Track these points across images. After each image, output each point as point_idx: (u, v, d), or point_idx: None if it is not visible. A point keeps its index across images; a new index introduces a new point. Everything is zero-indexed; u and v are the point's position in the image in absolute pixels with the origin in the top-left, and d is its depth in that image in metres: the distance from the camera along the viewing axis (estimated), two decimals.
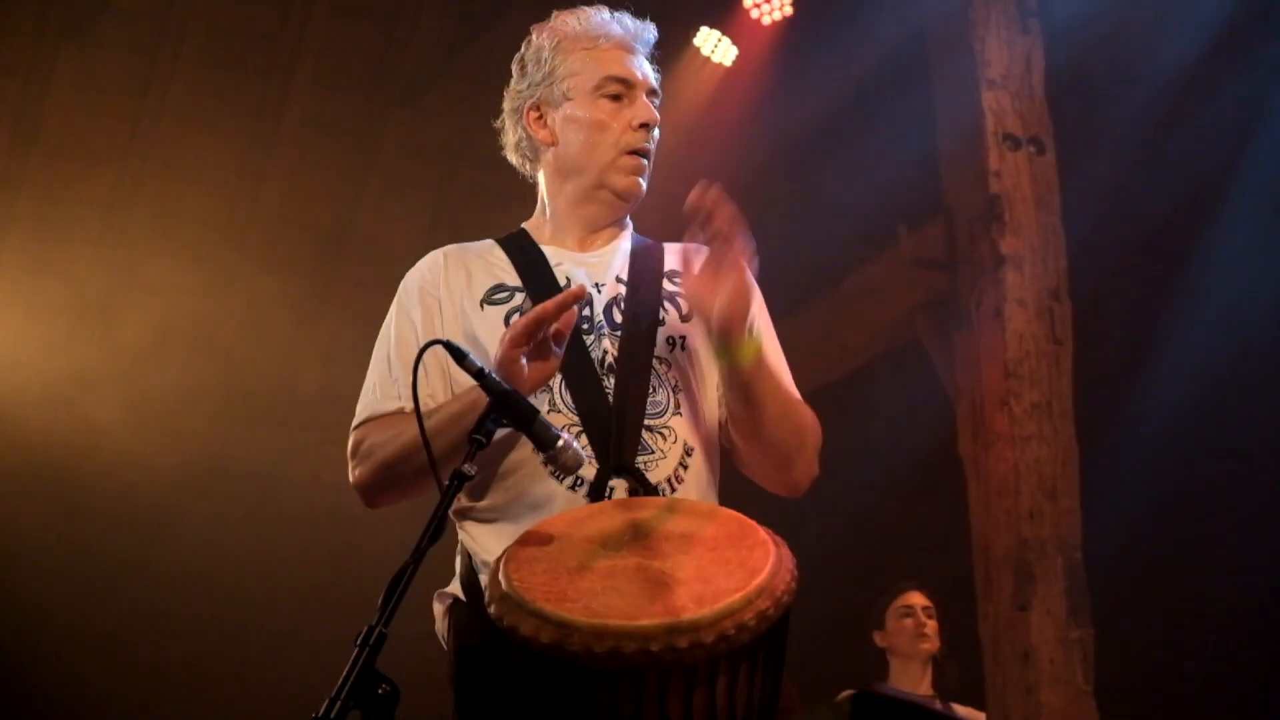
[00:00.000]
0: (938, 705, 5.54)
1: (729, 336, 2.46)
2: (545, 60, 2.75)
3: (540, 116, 2.75)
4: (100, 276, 9.19)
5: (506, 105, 2.82)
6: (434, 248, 2.78)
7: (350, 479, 2.64)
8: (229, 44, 8.82)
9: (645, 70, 2.76)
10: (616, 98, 2.71)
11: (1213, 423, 7.13)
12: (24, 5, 8.38)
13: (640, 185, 2.73)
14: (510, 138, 2.82)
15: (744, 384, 2.53)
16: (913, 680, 5.72)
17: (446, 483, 2.19)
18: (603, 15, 2.77)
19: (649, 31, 2.79)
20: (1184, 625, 7.15)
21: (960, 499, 6.75)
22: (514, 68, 2.81)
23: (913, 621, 5.76)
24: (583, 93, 2.71)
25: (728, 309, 2.43)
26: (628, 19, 2.78)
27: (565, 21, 2.77)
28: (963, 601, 6.75)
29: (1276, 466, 6.96)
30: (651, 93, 2.75)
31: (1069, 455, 6.47)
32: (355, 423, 2.65)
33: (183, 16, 8.66)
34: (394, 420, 2.59)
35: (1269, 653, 6.53)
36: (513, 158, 2.84)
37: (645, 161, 2.72)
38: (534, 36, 2.79)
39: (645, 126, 2.70)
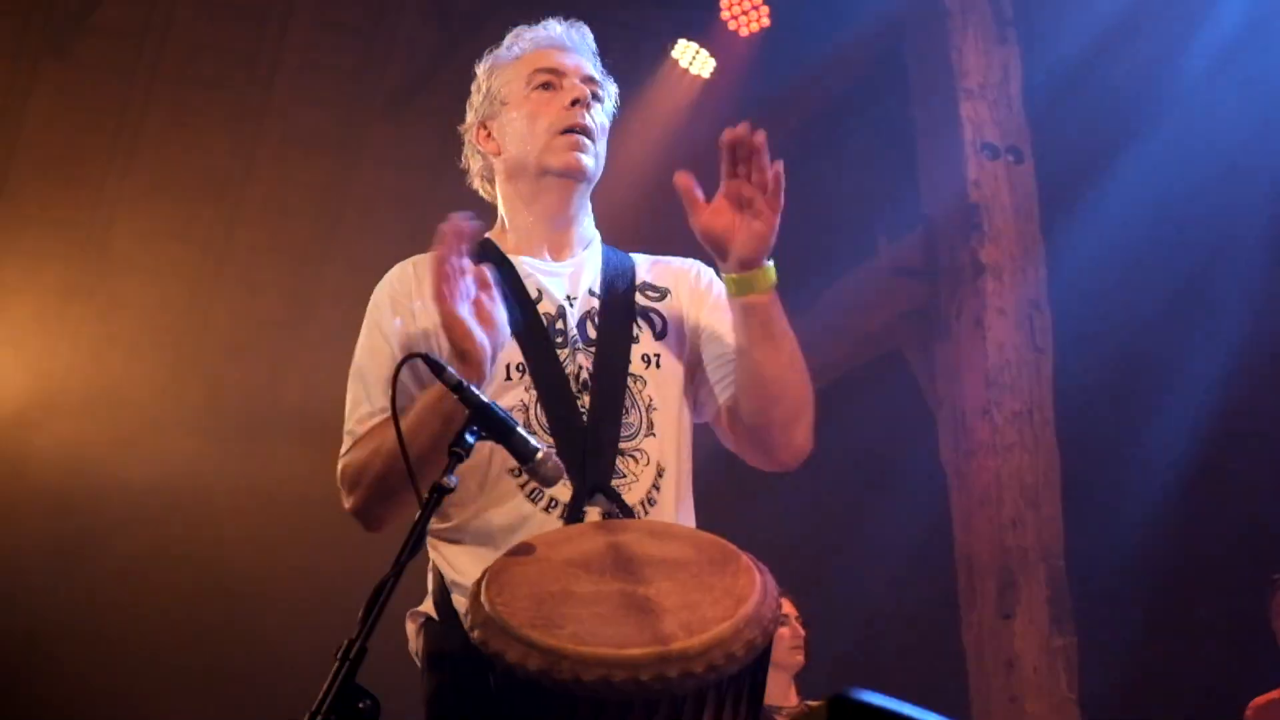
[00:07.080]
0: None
1: (750, 267, 2.48)
2: (482, 84, 2.81)
3: (488, 134, 2.78)
4: (80, 294, 9.16)
5: (465, 139, 2.85)
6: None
7: (346, 507, 2.58)
8: (208, 61, 8.81)
9: (576, 59, 2.77)
10: (547, 86, 2.73)
11: (1197, 429, 7.15)
12: (4, 23, 8.36)
13: (580, 160, 2.69)
14: (472, 166, 2.84)
15: (763, 319, 2.51)
16: (781, 692, 5.28)
17: (426, 494, 2.17)
18: (530, 28, 2.82)
19: (577, 29, 2.82)
20: (1167, 632, 7.16)
21: (943, 508, 6.75)
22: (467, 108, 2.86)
23: (789, 631, 5.31)
24: (516, 95, 2.74)
25: (752, 243, 2.47)
26: (554, 23, 2.81)
27: (497, 49, 2.83)
28: (946, 611, 6.75)
29: (1260, 471, 6.98)
30: (588, 80, 2.75)
31: (1050, 463, 6.48)
32: (342, 451, 2.60)
33: (161, 34, 8.63)
34: (373, 434, 2.54)
35: (1252, 659, 6.53)
36: (477, 185, 2.85)
37: (583, 138, 2.69)
38: (476, 72, 2.85)
39: (577, 103, 2.69)
